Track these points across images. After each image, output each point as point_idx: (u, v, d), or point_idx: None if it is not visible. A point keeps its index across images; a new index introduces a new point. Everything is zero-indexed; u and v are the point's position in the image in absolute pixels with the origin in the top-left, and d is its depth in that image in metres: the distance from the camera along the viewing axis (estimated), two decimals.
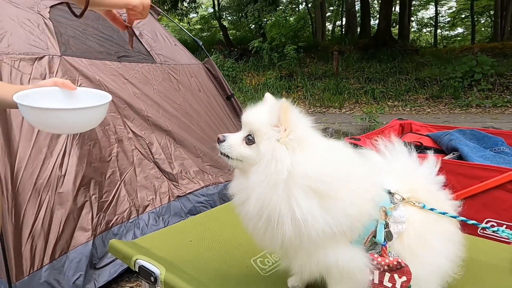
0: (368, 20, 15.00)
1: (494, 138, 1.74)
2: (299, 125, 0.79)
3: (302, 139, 0.77)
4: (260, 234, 0.80)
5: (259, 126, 0.79)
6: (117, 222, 1.88)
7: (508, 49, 10.33)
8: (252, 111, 0.85)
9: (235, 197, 0.85)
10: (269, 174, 0.74)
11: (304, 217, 0.72)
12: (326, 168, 0.75)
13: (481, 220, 1.40)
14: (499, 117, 6.58)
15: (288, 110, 0.76)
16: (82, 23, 2.37)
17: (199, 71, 2.90)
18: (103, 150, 1.97)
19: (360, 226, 0.79)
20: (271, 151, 0.76)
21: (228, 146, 0.82)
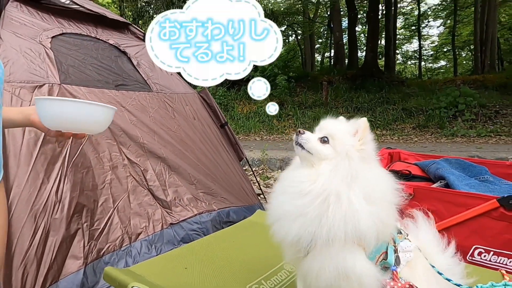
0: (356, 52, 15.61)
1: (478, 167, 1.82)
2: (370, 143, 0.94)
3: (369, 154, 0.93)
4: (311, 213, 0.88)
5: (338, 131, 0.95)
6: (108, 250, 1.86)
7: (488, 81, 10.82)
8: (331, 120, 1.03)
9: (290, 182, 0.96)
10: (340, 168, 0.89)
11: (354, 207, 0.85)
12: (381, 182, 0.92)
13: (469, 247, 1.45)
14: (484, 147, 6.78)
15: (367, 127, 0.94)
16: (82, 53, 2.44)
17: (194, 100, 2.97)
18: (97, 177, 1.98)
19: (377, 241, 0.89)
20: (345, 152, 0.91)
21: (305, 138, 0.96)
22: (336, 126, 0.98)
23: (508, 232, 1.38)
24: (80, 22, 2.57)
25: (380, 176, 0.94)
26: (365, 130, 0.93)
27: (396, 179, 0.96)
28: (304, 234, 0.87)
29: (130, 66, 2.71)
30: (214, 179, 2.54)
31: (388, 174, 0.97)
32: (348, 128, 0.96)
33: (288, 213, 0.90)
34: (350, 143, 0.92)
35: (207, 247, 1.39)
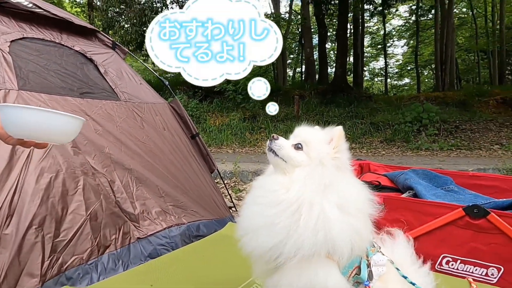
0: (326, 68, 16.09)
1: (443, 178, 1.88)
2: (345, 152, 0.94)
3: (343, 163, 0.92)
4: (282, 223, 0.84)
5: (312, 138, 0.94)
6: (73, 264, 1.71)
7: (449, 98, 11.47)
8: (306, 128, 1.02)
9: (263, 190, 0.93)
10: (314, 176, 0.87)
11: (326, 215, 0.82)
12: (355, 191, 0.90)
13: (437, 256, 1.47)
14: (446, 160, 7.12)
15: (342, 136, 0.93)
16: (44, 59, 2.32)
17: (164, 110, 2.89)
18: (68, 182, 1.84)
19: (351, 254, 0.86)
20: (319, 159, 0.89)
21: (279, 145, 0.94)
22: (310, 133, 0.97)
23: (473, 240, 1.41)
24: (43, 27, 2.44)
25: (354, 185, 0.92)
26: (340, 139, 0.92)
27: (369, 190, 0.95)
28: (273, 245, 0.83)
29: (96, 73, 2.61)
30: (184, 192, 2.46)
31: (362, 184, 0.96)
32: (323, 136, 0.95)
33: (258, 224, 0.86)
34: (324, 151, 0.91)
35: (175, 262, 1.32)
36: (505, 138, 8.50)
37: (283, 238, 0.82)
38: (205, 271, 0.85)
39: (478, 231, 1.39)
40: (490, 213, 1.36)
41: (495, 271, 1.37)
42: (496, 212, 1.38)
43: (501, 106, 10.63)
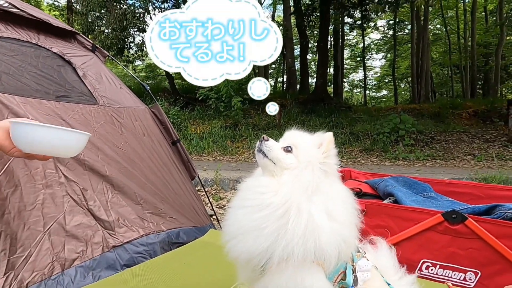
0: (307, 78, 16.36)
1: (422, 185, 1.93)
2: (333, 158, 0.94)
3: (331, 168, 0.92)
4: (270, 227, 0.83)
5: (302, 141, 0.94)
6: (34, 280, 1.62)
7: (424, 110, 11.88)
8: (296, 131, 1.02)
9: (249, 192, 0.92)
10: (302, 179, 0.86)
11: (315, 222, 0.82)
12: (342, 198, 0.90)
13: (418, 261, 1.49)
14: (422, 169, 7.31)
15: (332, 141, 0.94)
16: (18, 60, 2.23)
17: (145, 115, 2.83)
18: (26, 197, 1.76)
19: (337, 261, 0.86)
20: (308, 162, 0.89)
21: (269, 146, 0.93)
22: (300, 137, 0.97)
23: (452, 245, 1.44)
24: (19, 27, 2.36)
25: (341, 192, 0.92)
26: (330, 144, 0.93)
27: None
28: (260, 250, 0.81)
29: (74, 76, 2.53)
30: (163, 199, 2.40)
31: (348, 191, 0.96)
32: (313, 140, 0.95)
33: (245, 228, 0.85)
34: (313, 155, 0.91)
35: (155, 269, 1.27)
36: (477, 149, 8.85)
37: (272, 243, 0.80)
38: (186, 278, 0.82)
39: (456, 236, 1.42)
40: (467, 219, 1.40)
41: (472, 275, 1.40)
42: (473, 217, 1.41)
43: (473, 118, 11.10)
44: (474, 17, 16.54)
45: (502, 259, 1.36)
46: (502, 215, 1.42)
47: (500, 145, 8.94)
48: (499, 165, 7.26)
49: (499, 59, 15.62)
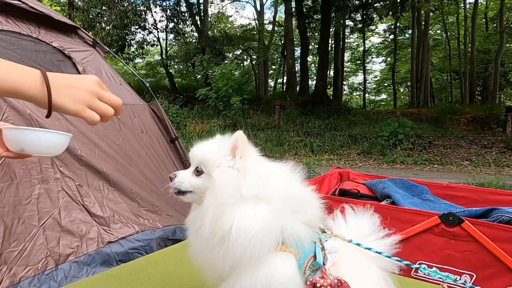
0: (307, 80, 16.38)
1: (420, 187, 1.93)
2: (251, 153, 0.88)
3: (255, 164, 0.86)
4: (213, 256, 0.82)
5: (209, 156, 0.87)
6: (28, 275, 1.62)
7: (423, 115, 11.92)
8: (199, 146, 0.93)
9: (191, 227, 0.89)
10: (222, 196, 0.81)
11: (253, 224, 0.79)
12: (273, 180, 0.86)
13: (414, 263, 1.47)
14: (420, 173, 7.33)
15: (244, 141, 0.85)
16: (18, 54, 2.22)
17: (144, 112, 2.83)
18: (21, 191, 1.75)
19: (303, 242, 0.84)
20: (222, 175, 0.83)
21: (178, 181, 0.88)
22: (205, 151, 0.90)
23: (448, 247, 1.44)
24: (20, 20, 2.35)
25: (271, 175, 0.87)
26: (243, 144, 0.85)
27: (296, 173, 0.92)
28: (225, 266, 0.82)
29: (74, 72, 2.52)
30: (159, 196, 2.39)
31: (281, 168, 0.92)
32: (220, 149, 0.88)
33: (203, 260, 0.86)
34: (225, 165, 0.85)
35: (150, 265, 1.27)
36: (475, 155, 8.88)
37: (226, 263, 0.80)
38: (181, 274, 0.82)
39: (452, 239, 1.42)
40: (464, 221, 1.40)
41: (468, 278, 1.40)
42: (470, 220, 1.42)
43: (471, 124, 11.14)
44: (474, 23, 16.61)
45: (497, 262, 1.36)
46: (499, 218, 1.42)
47: (497, 151, 8.98)
48: (496, 171, 7.29)
49: (499, 66, 15.70)
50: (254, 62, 20.54)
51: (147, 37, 14.06)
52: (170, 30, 15.16)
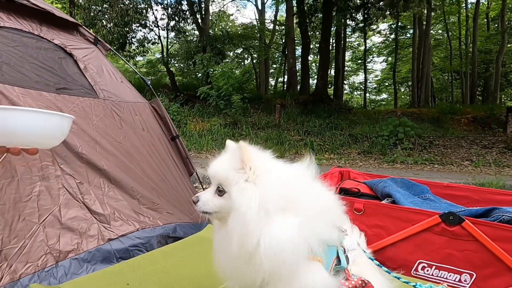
0: (308, 79, 16.36)
1: (420, 187, 1.93)
2: (261, 160, 0.86)
3: (267, 171, 0.85)
4: (242, 273, 0.83)
5: (224, 176, 0.87)
6: (28, 272, 1.62)
7: (424, 114, 11.91)
8: (214, 163, 0.93)
9: (218, 246, 0.90)
10: (246, 215, 0.80)
11: (281, 241, 0.78)
12: (292, 187, 0.85)
13: (414, 262, 1.49)
14: (420, 173, 7.32)
15: (247, 151, 0.84)
16: (20, 51, 2.22)
17: (145, 110, 2.83)
18: (22, 188, 1.75)
19: (326, 247, 0.84)
20: (241, 193, 0.82)
21: (202, 204, 0.89)
22: (220, 170, 0.90)
23: (448, 246, 1.44)
24: (22, 17, 2.35)
25: (289, 182, 0.86)
26: (248, 154, 0.84)
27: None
28: (255, 283, 0.82)
29: (75, 69, 2.52)
30: (160, 194, 2.39)
31: (301, 171, 0.91)
32: (233, 163, 0.87)
33: (233, 276, 0.87)
34: (242, 179, 0.84)
35: (153, 262, 1.27)
36: (475, 155, 8.87)
37: (257, 279, 0.80)
38: (182, 272, 0.83)
39: (453, 238, 1.43)
40: (464, 220, 1.40)
41: (467, 277, 1.40)
42: (470, 219, 1.42)
43: (472, 124, 11.13)
44: (476, 23, 16.58)
45: (497, 261, 1.36)
46: (499, 218, 1.42)
47: (498, 151, 8.97)
48: (496, 171, 7.28)
49: (500, 66, 15.67)
50: (255, 61, 20.51)
51: (148, 35, 14.08)
52: (171, 28, 15.14)
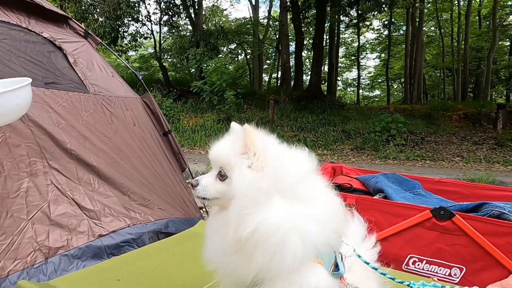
0: (301, 75, 16.36)
1: (412, 182, 1.94)
2: (265, 145, 0.80)
3: (272, 158, 0.79)
4: (234, 267, 0.78)
5: (226, 159, 0.80)
6: (16, 268, 1.60)
7: (416, 111, 12.00)
8: (216, 146, 0.86)
9: (212, 233, 0.84)
10: (246, 202, 0.75)
11: (282, 231, 0.73)
12: (298, 170, 0.80)
13: (405, 256, 1.50)
14: (412, 169, 7.39)
15: (252, 134, 0.78)
16: (7, 44, 2.17)
17: (136, 105, 2.79)
18: (10, 184, 1.72)
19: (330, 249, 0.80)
20: (243, 179, 0.77)
21: (202, 188, 0.83)
22: (222, 153, 0.84)
23: (439, 241, 1.46)
24: (9, 9, 2.29)
25: (295, 165, 0.82)
26: (252, 140, 0.78)
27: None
28: (244, 276, 0.77)
29: (65, 63, 2.47)
30: (151, 190, 2.37)
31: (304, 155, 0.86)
32: (235, 147, 0.81)
33: (227, 272, 0.82)
34: (244, 165, 0.78)
35: (143, 258, 1.26)
36: (466, 151, 8.98)
37: (259, 268, 0.75)
38: (174, 267, 0.82)
39: (443, 233, 1.44)
40: (455, 215, 1.41)
41: (457, 271, 1.42)
42: (460, 214, 1.43)
43: (463, 121, 11.26)
44: (468, 21, 16.71)
45: (487, 255, 1.38)
46: (489, 212, 1.44)
47: (488, 147, 9.09)
48: (486, 167, 7.38)
49: (491, 63, 15.84)
50: (248, 56, 20.43)
51: (140, 29, 13.92)
52: (164, 23, 14.99)
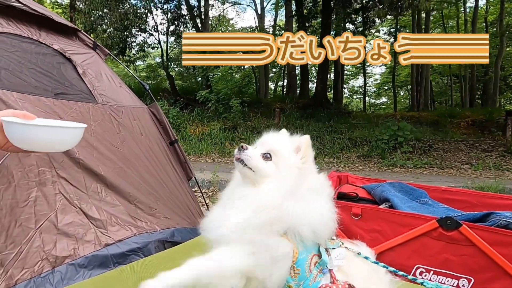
0: (307, 82, 16.39)
1: (418, 191, 1.92)
2: (311, 160, 0.95)
3: (308, 170, 0.94)
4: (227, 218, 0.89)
5: (280, 148, 0.94)
6: (24, 277, 1.62)
7: (423, 118, 11.92)
8: (274, 135, 1.00)
9: (233, 194, 0.96)
10: (284, 186, 0.88)
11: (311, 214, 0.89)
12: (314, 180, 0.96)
13: (412, 266, 1.48)
14: (419, 177, 7.32)
15: (309, 145, 0.94)
16: (19, 56, 2.23)
17: (143, 115, 2.83)
18: (19, 194, 1.75)
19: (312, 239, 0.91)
20: (289, 169, 0.90)
21: (248, 155, 0.93)
22: (278, 142, 0.97)
23: (446, 251, 1.44)
24: (21, 23, 2.36)
25: (317, 186, 0.96)
26: (308, 148, 0.94)
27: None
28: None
29: (74, 74, 2.53)
30: (158, 199, 2.39)
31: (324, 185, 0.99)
32: (290, 145, 0.96)
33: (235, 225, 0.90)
34: (292, 161, 0.92)
35: (148, 268, 1.26)
36: (474, 159, 8.87)
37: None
38: None
39: (450, 243, 1.42)
40: (462, 225, 1.40)
41: (465, 282, 1.39)
42: (467, 224, 1.41)
43: (471, 128, 11.14)
44: (474, 27, 16.64)
45: (495, 266, 1.36)
46: (497, 222, 1.42)
47: (497, 155, 8.97)
48: (496, 175, 7.27)
49: (499, 69, 15.71)
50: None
51: (148, 39, 14.13)
52: (171, 33, 15.20)
